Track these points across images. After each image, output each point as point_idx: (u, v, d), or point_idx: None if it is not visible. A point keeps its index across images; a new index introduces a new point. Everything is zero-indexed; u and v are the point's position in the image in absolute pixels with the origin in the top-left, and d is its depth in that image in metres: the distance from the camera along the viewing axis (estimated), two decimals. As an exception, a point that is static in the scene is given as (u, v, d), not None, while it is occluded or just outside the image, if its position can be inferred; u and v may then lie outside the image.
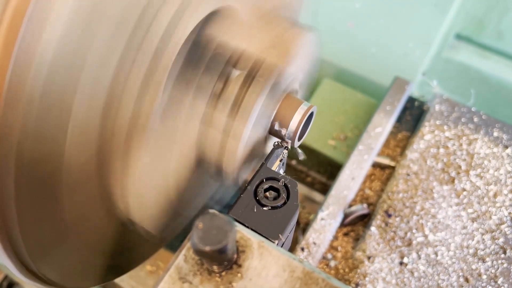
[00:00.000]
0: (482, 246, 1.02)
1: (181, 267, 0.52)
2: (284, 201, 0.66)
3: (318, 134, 1.41)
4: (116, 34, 0.58)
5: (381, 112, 1.25)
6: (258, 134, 0.79)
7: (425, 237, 1.03)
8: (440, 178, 1.12)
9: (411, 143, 1.19)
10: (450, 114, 1.25)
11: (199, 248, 0.46)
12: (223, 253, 0.48)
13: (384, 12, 1.56)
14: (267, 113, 0.78)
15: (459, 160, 1.15)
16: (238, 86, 0.75)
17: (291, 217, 0.64)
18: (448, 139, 1.20)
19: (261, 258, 0.53)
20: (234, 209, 0.64)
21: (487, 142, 1.19)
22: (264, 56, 0.75)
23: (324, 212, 1.07)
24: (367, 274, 0.98)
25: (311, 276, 0.52)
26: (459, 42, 1.65)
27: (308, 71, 0.89)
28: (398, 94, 1.30)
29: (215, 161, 0.79)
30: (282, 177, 0.68)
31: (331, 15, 1.63)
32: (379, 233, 1.04)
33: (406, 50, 1.60)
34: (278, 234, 0.62)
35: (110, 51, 0.59)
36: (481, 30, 1.57)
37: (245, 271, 0.52)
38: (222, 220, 0.48)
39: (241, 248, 0.54)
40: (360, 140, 1.19)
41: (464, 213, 1.07)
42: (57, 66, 0.52)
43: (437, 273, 0.98)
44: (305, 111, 0.78)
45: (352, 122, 1.45)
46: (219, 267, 0.52)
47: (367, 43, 1.64)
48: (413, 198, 1.09)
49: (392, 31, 1.58)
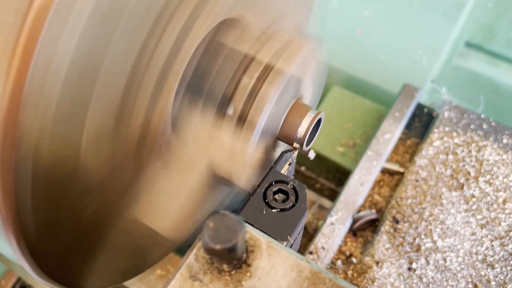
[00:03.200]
0: (491, 252, 1.02)
1: (192, 266, 0.53)
2: (293, 204, 0.67)
3: (327, 140, 1.42)
4: (130, 41, 0.60)
5: (390, 118, 1.26)
6: (267, 140, 0.80)
7: (433, 243, 1.03)
8: (449, 184, 1.12)
9: (420, 150, 1.19)
10: (459, 120, 1.25)
11: (209, 246, 0.48)
12: (232, 252, 0.49)
13: (393, 19, 1.57)
14: (275, 119, 0.79)
15: (468, 167, 1.16)
16: (247, 92, 0.76)
17: (299, 219, 0.65)
18: (457, 146, 1.20)
19: (269, 258, 0.54)
20: (243, 211, 0.66)
21: (496, 149, 1.19)
22: (272, 63, 0.77)
23: (333, 217, 1.07)
24: (375, 279, 0.98)
25: (319, 276, 0.53)
26: (469, 49, 1.65)
27: (316, 79, 0.90)
28: (407, 101, 1.30)
29: (224, 167, 0.80)
30: (291, 180, 0.70)
31: (340, 22, 1.65)
32: (387, 238, 1.04)
33: (415, 58, 1.61)
34: (286, 236, 0.63)
35: (124, 57, 0.61)
36: (491, 37, 1.57)
37: (254, 270, 0.54)
38: (232, 220, 0.49)
39: (250, 248, 0.55)
40: (369, 146, 1.20)
41: (473, 219, 1.07)
42: (74, 71, 0.54)
43: (446, 279, 0.98)
44: (313, 117, 0.80)
45: (360, 129, 1.46)
46: (228, 266, 0.53)
47: (376, 50, 1.65)
48: (422, 204, 1.09)
49: (401, 38, 1.59)
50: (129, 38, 0.60)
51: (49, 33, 0.49)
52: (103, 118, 0.63)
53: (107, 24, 0.55)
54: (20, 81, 0.49)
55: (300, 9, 0.97)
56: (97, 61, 0.57)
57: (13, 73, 0.49)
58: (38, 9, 0.48)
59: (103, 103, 0.61)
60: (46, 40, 0.49)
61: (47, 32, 0.49)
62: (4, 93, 0.49)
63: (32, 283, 1.29)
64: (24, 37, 0.48)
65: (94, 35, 0.54)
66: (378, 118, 1.47)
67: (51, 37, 0.49)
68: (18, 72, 0.49)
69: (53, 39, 0.50)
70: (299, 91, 0.82)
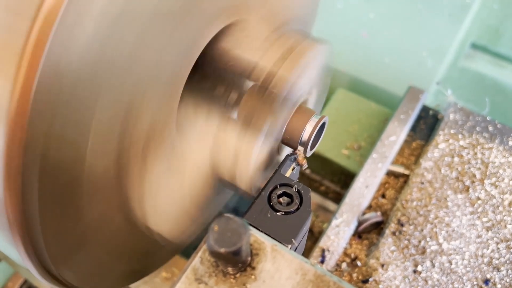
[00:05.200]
0: (497, 255, 1.02)
1: (197, 269, 0.54)
2: (297, 207, 0.67)
3: (332, 143, 1.42)
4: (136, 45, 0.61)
5: (395, 121, 1.26)
6: (271, 144, 0.80)
7: (439, 246, 1.03)
8: (454, 186, 1.12)
9: (425, 152, 1.19)
10: (465, 123, 1.25)
11: (214, 249, 0.48)
12: (237, 255, 0.49)
13: (398, 21, 1.57)
14: (279, 124, 0.80)
15: (473, 169, 1.15)
16: (251, 98, 0.77)
17: (304, 222, 0.65)
18: (463, 148, 1.20)
19: (274, 261, 0.55)
20: (248, 214, 0.66)
21: (502, 151, 1.19)
22: (276, 68, 0.77)
23: (338, 220, 1.07)
24: (380, 281, 0.98)
25: (323, 279, 0.53)
26: (475, 51, 1.64)
27: (320, 83, 0.91)
28: (412, 103, 1.30)
29: (228, 170, 0.81)
30: (295, 183, 0.70)
31: (345, 25, 1.65)
32: (393, 241, 1.04)
33: (420, 60, 1.60)
34: (291, 239, 0.63)
35: (131, 60, 0.61)
36: (497, 39, 1.57)
37: (258, 273, 0.54)
38: (237, 223, 0.49)
39: (255, 251, 0.55)
40: (374, 149, 1.20)
41: (478, 222, 1.07)
42: (81, 76, 0.55)
43: (451, 281, 0.98)
44: (317, 121, 0.80)
45: (365, 132, 1.45)
46: (233, 269, 0.53)
47: (380, 52, 1.65)
48: (427, 206, 1.09)
49: (406, 40, 1.59)
50: (135, 42, 0.60)
51: (57, 37, 0.49)
52: (110, 122, 0.64)
53: (114, 29, 0.56)
54: (28, 85, 0.49)
55: (304, 12, 0.98)
56: (104, 66, 0.58)
57: (21, 77, 0.49)
58: (47, 13, 0.48)
59: (110, 106, 0.62)
60: (54, 44, 0.49)
61: (55, 37, 0.49)
62: (12, 97, 0.50)
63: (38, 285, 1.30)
64: (32, 41, 0.48)
65: (101, 40, 0.55)
66: (383, 120, 1.47)
67: (59, 42, 0.50)
68: (26, 76, 0.49)
69: (61, 44, 0.50)
70: (303, 95, 0.83)
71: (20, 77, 0.49)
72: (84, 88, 0.56)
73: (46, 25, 0.48)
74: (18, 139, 0.52)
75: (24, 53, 0.49)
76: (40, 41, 0.48)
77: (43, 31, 0.48)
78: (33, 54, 0.49)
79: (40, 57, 0.49)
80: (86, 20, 0.52)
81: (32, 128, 0.52)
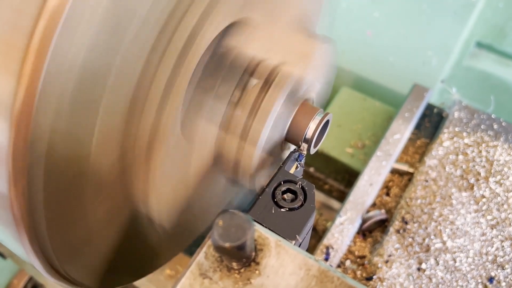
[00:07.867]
0: (501, 253, 1.02)
1: (202, 264, 0.54)
2: (301, 203, 0.67)
3: (336, 142, 1.42)
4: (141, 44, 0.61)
5: (399, 118, 1.26)
6: (275, 140, 0.81)
7: (443, 243, 1.03)
8: (459, 184, 1.12)
9: (430, 150, 1.19)
10: (470, 121, 1.25)
11: (219, 244, 0.48)
12: (241, 250, 0.50)
13: (402, 20, 1.57)
14: (283, 120, 0.80)
15: (478, 167, 1.15)
16: (255, 93, 0.77)
17: (308, 218, 0.66)
18: (467, 146, 1.19)
19: (278, 256, 0.55)
20: (252, 210, 0.66)
21: (507, 149, 1.18)
22: (281, 65, 0.77)
23: (342, 217, 1.08)
24: (384, 279, 0.98)
25: (327, 275, 0.53)
26: (480, 50, 1.64)
27: (325, 80, 0.91)
28: (417, 101, 1.30)
29: (232, 166, 0.81)
30: (300, 179, 0.70)
31: (349, 24, 1.65)
32: (397, 238, 1.04)
33: (425, 59, 1.60)
34: (295, 235, 0.63)
35: (135, 59, 0.62)
36: (502, 38, 1.56)
37: (262, 268, 0.54)
38: (241, 218, 0.50)
39: (259, 246, 0.55)
40: (379, 147, 1.20)
41: (483, 219, 1.07)
42: (86, 73, 0.55)
43: (456, 279, 0.98)
44: (321, 118, 0.80)
45: (369, 130, 1.45)
46: (238, 264, 0.53)
47: (385, 51, 1.65)
48: (432, 204, 1.09)
49: (411, 39, 1.59)
50: (139, 41, 0.61)
51: (62, 34, 0.50)
52: (114, 119, 0.64)
53: (119, 27, 0.56)
54: (33, 82, 0.50)
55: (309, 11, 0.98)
56: (109, 64, 0.58)
57: (27, 74, 0.50)
58: (52, 11, 0.49)
59: (114, 104, 0.62)
60: (59, 41, 0.50)
61: (60, 34, 0.49)
62: (17, 94, 0.50)
63: (44, 282, 1.31)
64: (37, 39, 0.49)
65: (105, 38, 0.55)
66: (387, 119, 1.47)
67: (64, 39, 0.50)
68: (32, 73, 0.50)
69: (66, 41, 0.51)
70: (307, 92, 0.83)
71: (26, 74, 0.50)
72: (88, 85, 0.57)
73: (52, 22, 0.49)
74: (23, 136, 0.52)
75: (30, 50, 0.49)
76: (45, 38, 0.49)
77: (48, 28, 0.49)
78: (38, 51, 0.49)
79: (46, 54, 0.49)
80: (91, 17, 0.52)
81: (37, 125, 0.53)
